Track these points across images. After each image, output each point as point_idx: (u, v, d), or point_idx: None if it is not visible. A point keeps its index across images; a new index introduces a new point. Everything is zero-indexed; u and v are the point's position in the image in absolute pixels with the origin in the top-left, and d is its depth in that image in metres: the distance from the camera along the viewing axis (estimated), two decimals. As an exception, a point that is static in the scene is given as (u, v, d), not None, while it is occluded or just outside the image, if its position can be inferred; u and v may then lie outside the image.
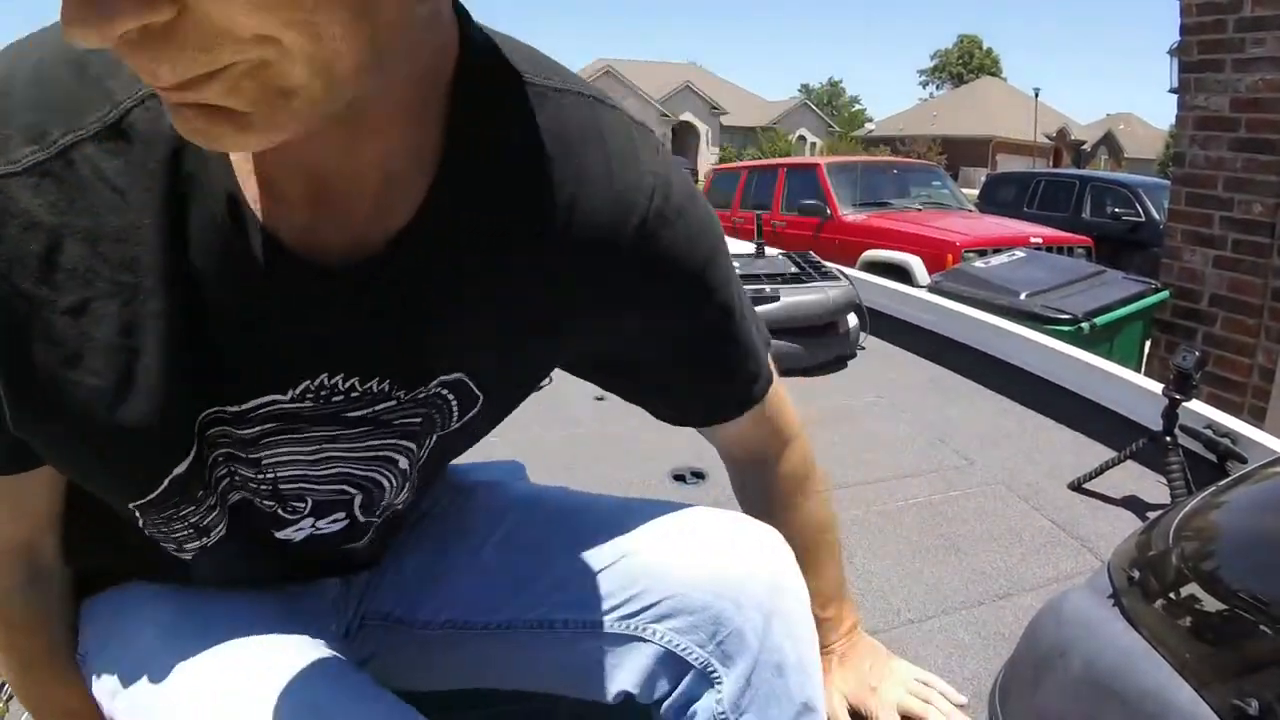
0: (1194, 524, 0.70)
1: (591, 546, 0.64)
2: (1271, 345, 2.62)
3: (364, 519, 0.56)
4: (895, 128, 37.66)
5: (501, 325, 0.49)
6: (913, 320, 2.26)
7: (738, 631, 0.59)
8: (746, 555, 0.61)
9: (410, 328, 0.45)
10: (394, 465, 0.53)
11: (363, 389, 0.46)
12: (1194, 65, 2.80)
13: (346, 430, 0.48)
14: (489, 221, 0.45)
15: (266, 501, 0.51)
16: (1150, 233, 6.25)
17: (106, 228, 0.37)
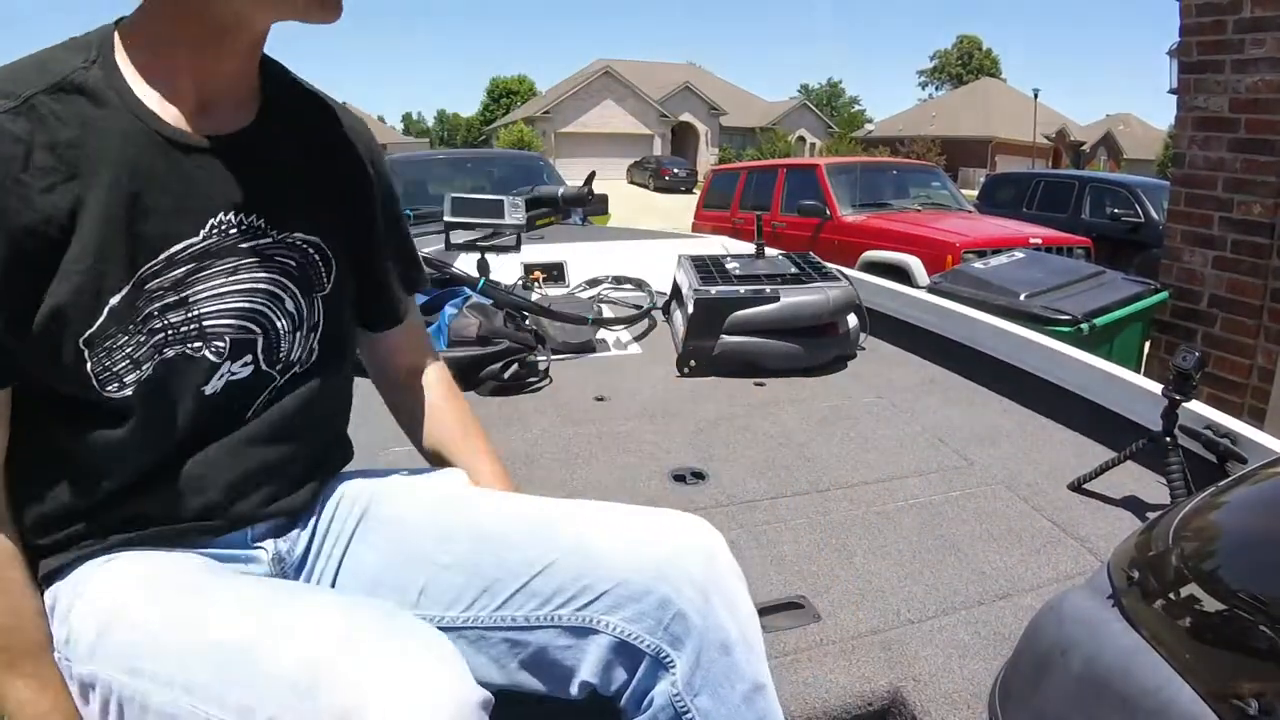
0: (1194, 524, 0.70)
1: (540, 543, 0.69)
2: (1271, 345, 2.62)
3: (266, 368, 0.70)
4: (895, 128, 37.65)
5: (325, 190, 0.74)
6: (912, 321, 2.26)
7: (681, 613, 0.64)
8: (679, 539, 0.69)
9: (270, 180, 0.69)
10: (282, 304, 0.70)
11: (247, 222, 0.67)
12: (1193, 66, 2.80)
13: (242, 261, 0.67)
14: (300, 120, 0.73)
15: (194, 344, 0.66)
16: (1149, 233, 6.25)
17: (59, 139, 0.58)
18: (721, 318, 1.94)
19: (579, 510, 0.74)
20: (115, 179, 0.60)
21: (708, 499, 1.31)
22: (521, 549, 0.69)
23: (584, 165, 3.98)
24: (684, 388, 1.89)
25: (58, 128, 0.58)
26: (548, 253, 2.75)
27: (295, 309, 0.71)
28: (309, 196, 0.72)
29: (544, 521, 0.72)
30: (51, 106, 0.58)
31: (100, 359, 0.61)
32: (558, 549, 0.68)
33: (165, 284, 0.63)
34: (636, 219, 14.24)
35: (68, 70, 0.60)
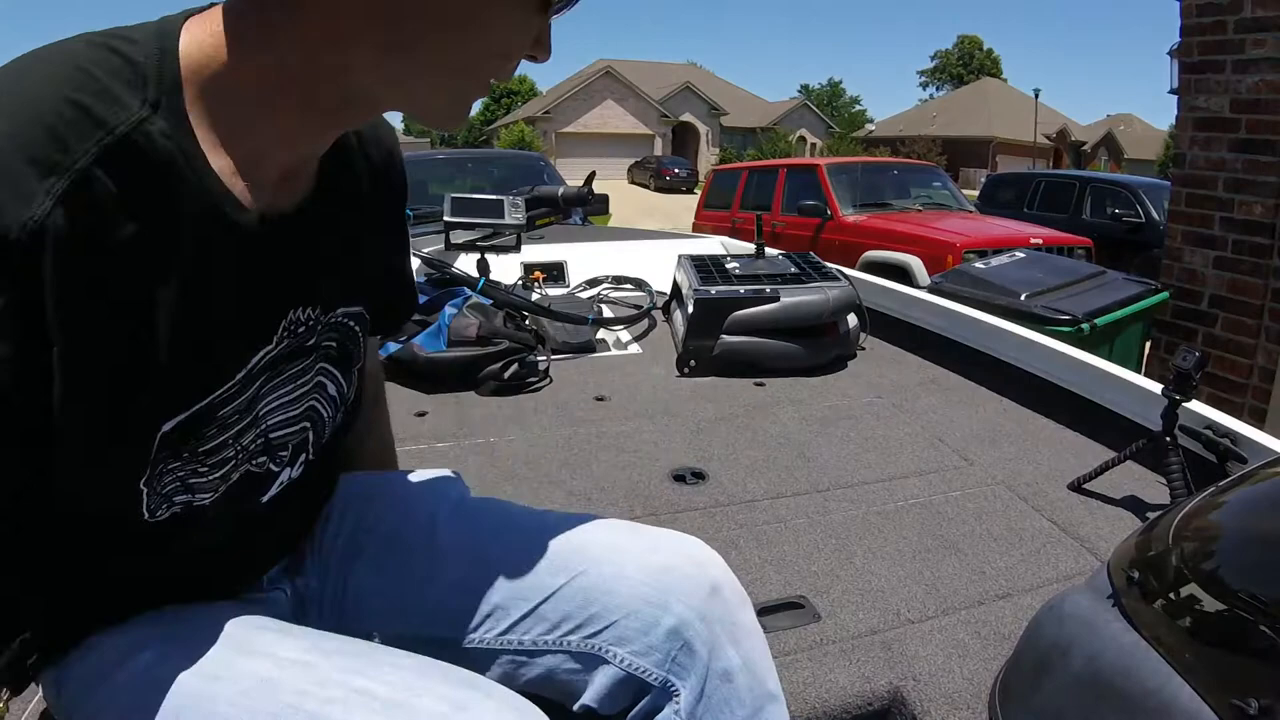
0: (1194, 524, 0.70)
1: (546, 567, 0.68)
2: (1271, 345, 2.62)
3: (314, 458, 0.64)
4: (895, 128, 37.66)
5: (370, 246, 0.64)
6: (913, 321, 2.26)
7: (688, 645, 0.64)
8: (686, 568, 0.67)
9: (328, 257, 0.58)
10: (326, 391, 0.62)
11: (311, 314, 0.57)
12: (1194, 66, 2.80)
13: (306, 360, 0.59)
14: (353, 172, 0.61)
15: (259, 459, 0.57)
16: (1150, 233, 6.25)
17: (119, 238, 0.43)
18: (721, 318, 1.94)
19: (582, 530, 0.72)
20: (184, 283, 0.46)
21: (708, 499, 1.31)
22: (526, 573, 0.68)
23: (584, 165, 3.98)
24: (684, 388, 1.89)
25: (117, 219, 0.43)
26: (548, 253, 2.75)
27: (337, 392, 0.64)
28: (355, 264, 0.62)
29: (548, 543, 0.70)
30: (107, 185, 0.42)
31: (154, 489, 0.51)
32: (565, 573, 0.67)
33: (241, 405, 0.53)
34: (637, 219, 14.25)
35: (124, 122, 0.43)
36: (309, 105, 0.49)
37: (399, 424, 1.63)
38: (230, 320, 0.50)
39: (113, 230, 0.43)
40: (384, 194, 0.66)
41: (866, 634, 0.95)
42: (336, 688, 0.52)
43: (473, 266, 2.17)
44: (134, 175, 0.43)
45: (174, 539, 0.55)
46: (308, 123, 0.50)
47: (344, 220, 0.59)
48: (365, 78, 0.48)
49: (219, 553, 0.61)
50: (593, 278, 2.70)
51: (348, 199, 0.60)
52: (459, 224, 2.25)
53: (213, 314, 0.49)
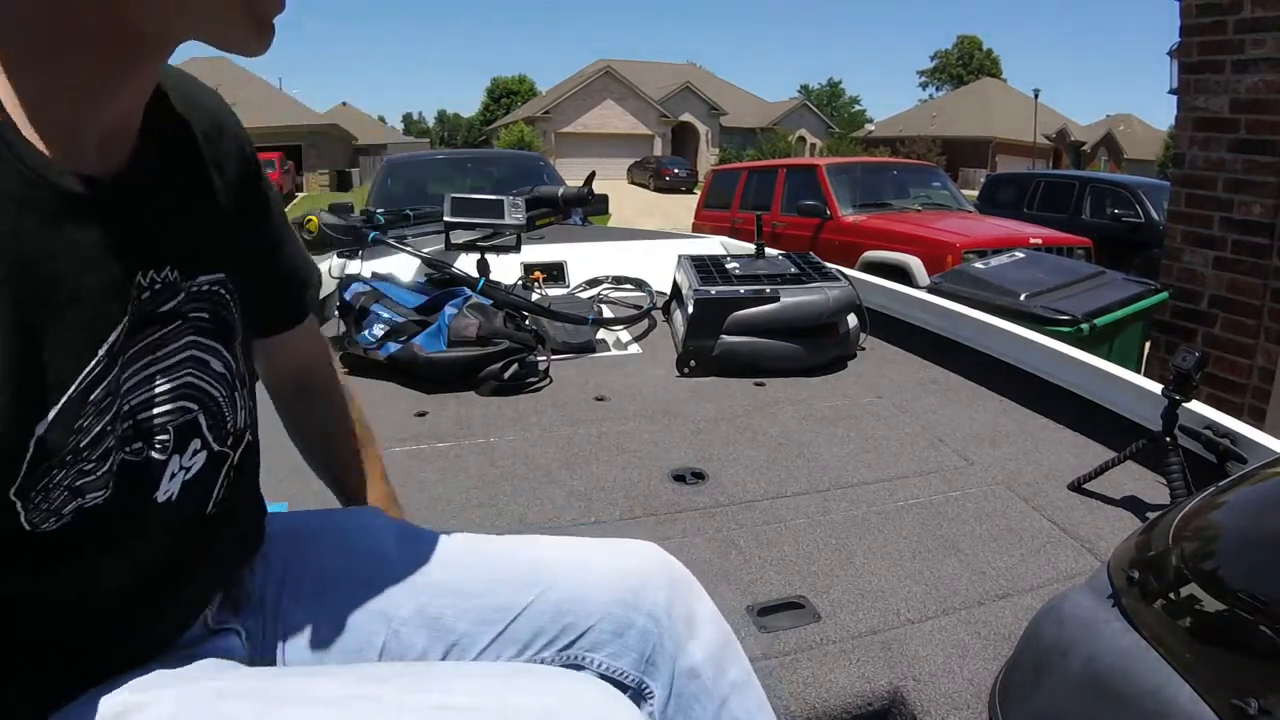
0: (1194, 524, 0.70)
1: (507, 585, 0.67)
2: (1271, 345, 2.62)
3: (218, 447, 0.58)
4: (895, 128, 37.66)
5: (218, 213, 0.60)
6: (913, 321, 2.27)
7: (659, 645, 0.66)
8: (647, 569, 0.69)
9: (171, 219, 0.54)
10: (209, 367, 0.57)
11: (160, 279, 0.53)
12: (1194, 66, 2.80)
13: (165, 329, 0.54)
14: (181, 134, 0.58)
15: (134, 444, 0.52)
16: (1150, 234, 6.25)
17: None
18: (721, 318, 1.94)
19: (539, 547, 0.72)
20: (16, 261, 0.43)
21: (708, 499, 1.31)
22: (487, 597, 0.66)
23: (584, 165, 3.98)
24: (684, 388, 1.89)
25: None
26: (548, 253, 2.75)
27: (224, 368, 0.59)
28: (206, 227, 0.58)
29: (506, 564, 0.69)
30: None
31: (35, 503, 0.46)
32: (530, 590, 0.66)
33: (111, 385, 0.49)
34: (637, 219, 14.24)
35: None
36: (96, 51, 0.46)
37: (399, 424, 1.63)
38: (74, 293, 0.46)
39: None
40: (222, 160, 0.62)
41: (866, 634, 0.95)
42: (414, 712, 0.50)
43: (473, 266, 2.17)
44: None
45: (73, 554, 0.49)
46: (104, 70, 0.47)
47: (180, 185, 0.57)
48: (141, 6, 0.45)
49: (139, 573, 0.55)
50: (593, 278, 2.70)
51: (177, 164, 0.57)
52: (459, 224, 2.25)
53: (58, 288, 0.45)
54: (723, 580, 1.06)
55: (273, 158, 22.81)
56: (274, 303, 0.73)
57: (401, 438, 1.56)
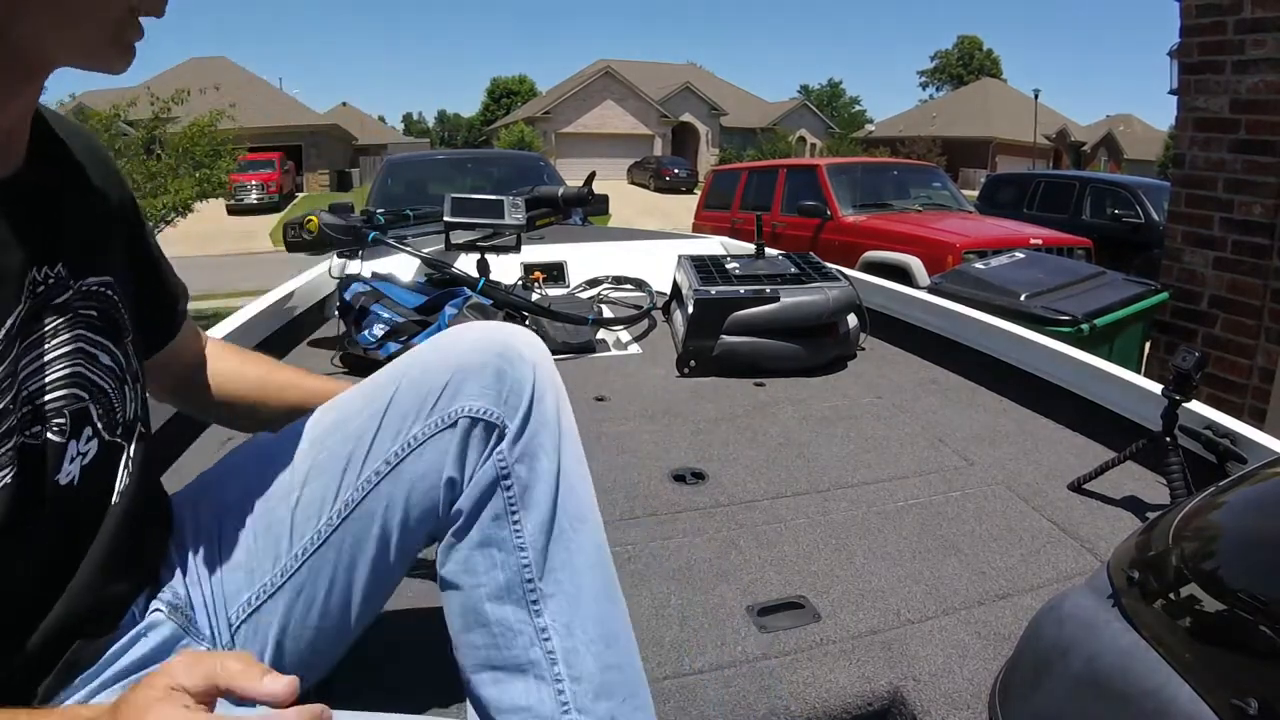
0: (1194, 524, 0.70)
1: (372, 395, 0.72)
2: (1271, 346, 2.62)
3: (108, 436, 0.61)
4: (895, 129, 37.66)
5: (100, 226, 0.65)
6: (913, 321, 2.26)
7: (516, 382, 0.70)
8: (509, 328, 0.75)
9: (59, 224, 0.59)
10: (97, 361, 0.61)
11: (53, 275, 0.57)
12: (1194, 67, 2.81)
13: (58, 320, 0.58)
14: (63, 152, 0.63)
15: (34, 428, 0.55)
16: (1150, 234, 6.25)
17: None
18: (721, 318, 1.94)
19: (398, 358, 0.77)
20: None
21: (708, 499, 1.31)
22: (361, 414, 0.71)
23: (584, 165, 3.98)
24: (684, 388, 1.89)
25: None
26: (548, 253, 2.75)
27: (113, 363, 0.63)
28: (91, 236, 0.63)
29: (372, 381, 0.74)
30: None
31: None
32: (393, 381, 0.71)
33: (7, 369, 0.52)
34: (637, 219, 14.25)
35: None
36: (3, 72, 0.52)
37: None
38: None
39: None
40: (100, 179, 0.67)
41: (866, 634, 0.95)
42: None
43: (473, 266, 2.17)
44: None
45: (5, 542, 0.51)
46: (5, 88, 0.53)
47: (67, 193, 0.62)
48: (21, 28, 0.50)
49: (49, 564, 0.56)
50: (593, 278, 2.70)
51: (63, 175, 0.62)
52: (459, 224, 2.25)
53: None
54: (723, 580, 1.06)
55: (273, 158, 22.77)
56: (153, 318, 0.75)
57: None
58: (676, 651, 0.91)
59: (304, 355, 2.09)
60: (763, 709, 0.84)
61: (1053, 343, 1.80)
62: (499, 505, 0.68)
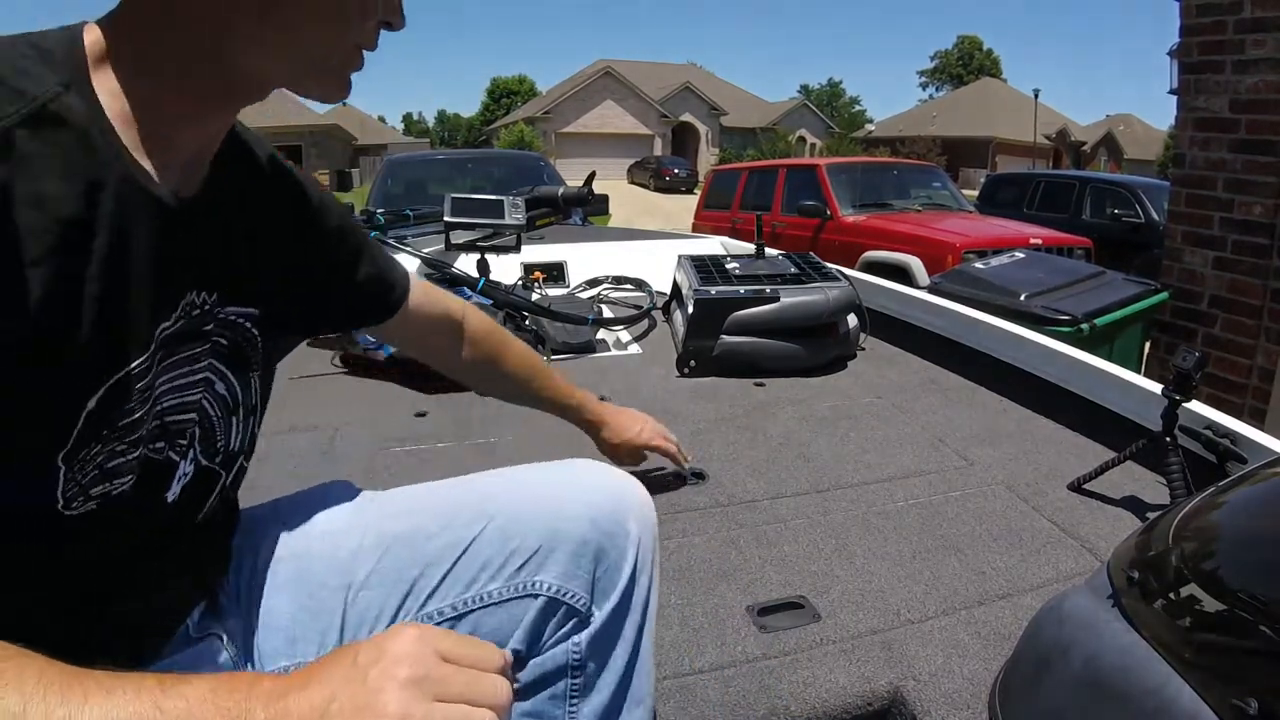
0: (1194, 524, 0.70)
1: (455, 523, 0.67)
2: (1271, 346, 2.62)
3: (204, 462, 0.61)
4: (895, 128, 37.66)
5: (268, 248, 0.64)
6: (912, 321, 2.26)
7: (614, 565, 0.65)
8: (616, 493, 0.68)
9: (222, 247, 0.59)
10: (213, 388, 0.61)
11: (206, 299, 0.58)
12: (1194, 66, 2.80)
13: (198, 345, 0.58)
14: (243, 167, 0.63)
15: (157, 444, 0.56)
16: (1150, 234, 6.25)
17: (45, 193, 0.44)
18: (721, 318, 1.94)
19: (491, 479, 0.72)
20: (108, 250, 0.48)
21: (708, 499, 1.31)
22: (437, 538, 0.67)
23: (584, 165, 3.98)
24: (684, 388, 1.89)
25: (43, 177, 0.44)
26: (548, 253, 2.75)
27: (227, 392, 0.62)
28: (248, 264, 0.63)
29: (457, 503, 0.70)
30: (31, 145, 0.44)
31: (74, 474, 0.49)
32: (478, 523, 0.67)
33: (150, 381, 0.53)
34: (637, 220, 14.25)
35: (43, 93, 0.46)
36: (200, 89, 0.52)
37: (399, 424, 1.63)
38: (142, 290, 0.51)
39: (37, 187, 0.44)
40: (275, 197, 0.66)
41: (866, 634, 0.95)
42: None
43: (473, 266, 2.17)
44: (54, 141, 0.45)
45: (88, 541, 0.52)
46: (205, 103, 0.53)
47: (238, 215, 0.61)
48: (251, 54, 0.51)
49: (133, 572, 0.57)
50: (593, 278, 2.70)
51: (239, 195, 0.61)
52: (459, 224, 2.25)
53: (129, 281, 0.50)
54: (723, 580, 1.06)
55: (273, 158, 22.73)
56: (359, 306, 0.79)
57: (401, 438, 1.56)
58: (676, 651, 0.91)
59: (304, 355, 2.09)
60: (763, 709, 0.84)
61: (1053, 343, 1.80)
62: (560, 689, 0.65)
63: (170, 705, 0.39)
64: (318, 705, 0.41)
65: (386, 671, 0.43)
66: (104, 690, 0.39)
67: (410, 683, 0.42)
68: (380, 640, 0.45)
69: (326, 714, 0.41)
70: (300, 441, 1.53)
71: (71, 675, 0.40)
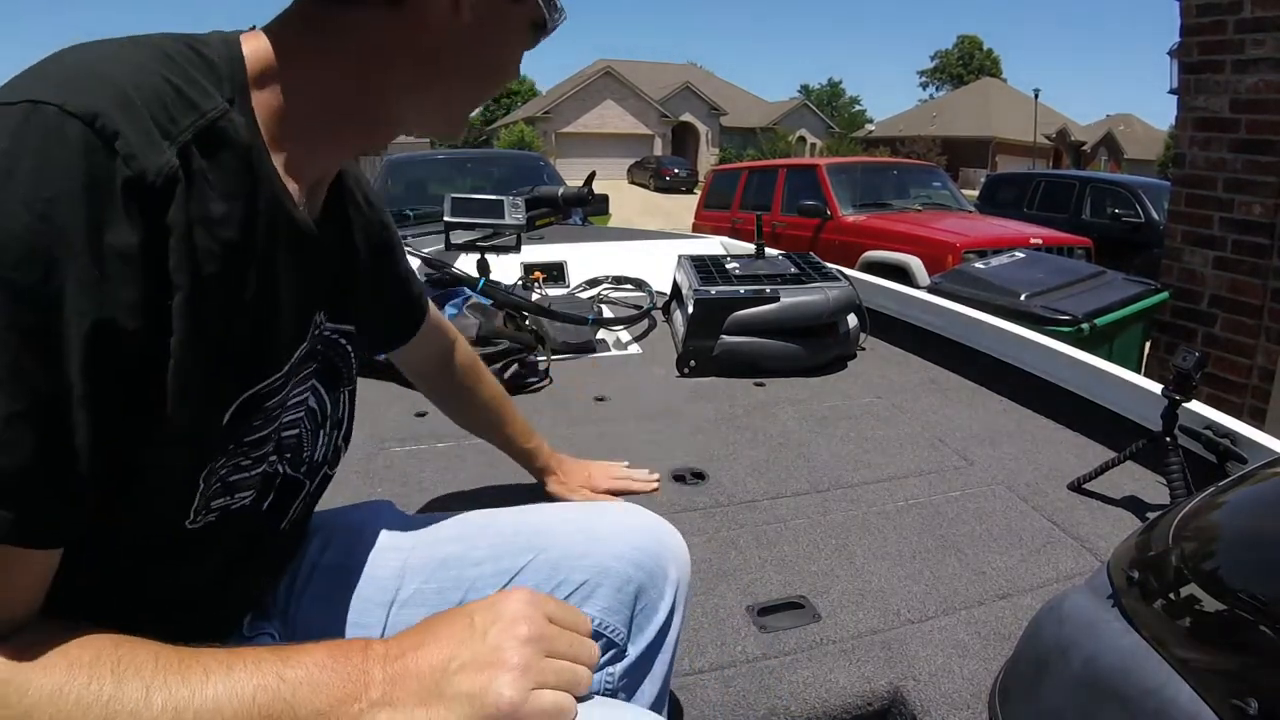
0: (1194, 524, 0.70)
1: (505, 551, 0.69)
2: (1271, 345, 2.62)
3: (290, 472, 0.63)
4: (895, 128, 37.67)
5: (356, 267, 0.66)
6: (912, 321, 2.26)
7: (652, 604, 0.67)
8: (658, 537, 0.71)
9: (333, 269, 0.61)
10: (306, 403, 0.62)
11: (321, 319, 0.60)
12: (1194, 66, 2.80)
13: (310, 364, 0.60)
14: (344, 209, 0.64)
15: (273, 458, 0.58)
16: (1150, 234, 6.25)
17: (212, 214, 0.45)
18: (721, 318, 1.94)
19: (542, 512, 0.74)
20: (261, 275, 0.49)
21: (708, 499, 1.31)
22: (485, 564, 0.68)
23: (584, 165, 3.98)
24: (684, 388, 1.89)
25: (210, 197, 0.45)
26: (548, 253, 2.75)
27: (317, 406, 0.64)
28: (349, 283, 0.65)
29: (509, 530, 0.71)
30: (202, 163, 0.44)
31: (204, 489, 0.51)
32: (528, 553, 0.68)
33: (280, 399, 0.55)
34: (637, 219, 14.24)
35: (213, 108, 0.45)
36: (346, 122, 0.54)
37: (399, 424, 1.63)
38: (283, 310, 0.53)
39: (206, 207, 0.44)
40: (366, 217, 0.69)
41: (866, 634, 0.95)
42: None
43: (473, 266, 2.16)
44: (222, 157, 0.46)
45: (201, 551, 0.54)
46: (342, 138, 0.55)
47: (344, 238, 0.64)
48: (399, 102, 0.54)
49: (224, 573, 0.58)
50: (593, 278, 2.70)
51: (345, 219, 0.64)
52: (459, 224, 2.25)
53: (273, 299, 0.51)
54: (723, 580, 1.06)
55: (273, 158, 22.72)
56: (394, 325, 0.83)
57: (401, 438, 1.56)
58: (677, 651, 0.91)
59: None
60: (763, 709, 0.84)
61: (1053, 343, 1.80)
62: None
63: (291, 674, 0.42)
64: (437, 664, 0.44)
65: (506, 630, 0.46)
66: (224, 666, 0.41)
67: (529, 640, 0.46)
68: (495, 602, 0.48)
69: (447, 670, 0.44)
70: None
71: (188, 655, 0.41)
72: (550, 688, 0.45)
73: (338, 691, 0.42)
